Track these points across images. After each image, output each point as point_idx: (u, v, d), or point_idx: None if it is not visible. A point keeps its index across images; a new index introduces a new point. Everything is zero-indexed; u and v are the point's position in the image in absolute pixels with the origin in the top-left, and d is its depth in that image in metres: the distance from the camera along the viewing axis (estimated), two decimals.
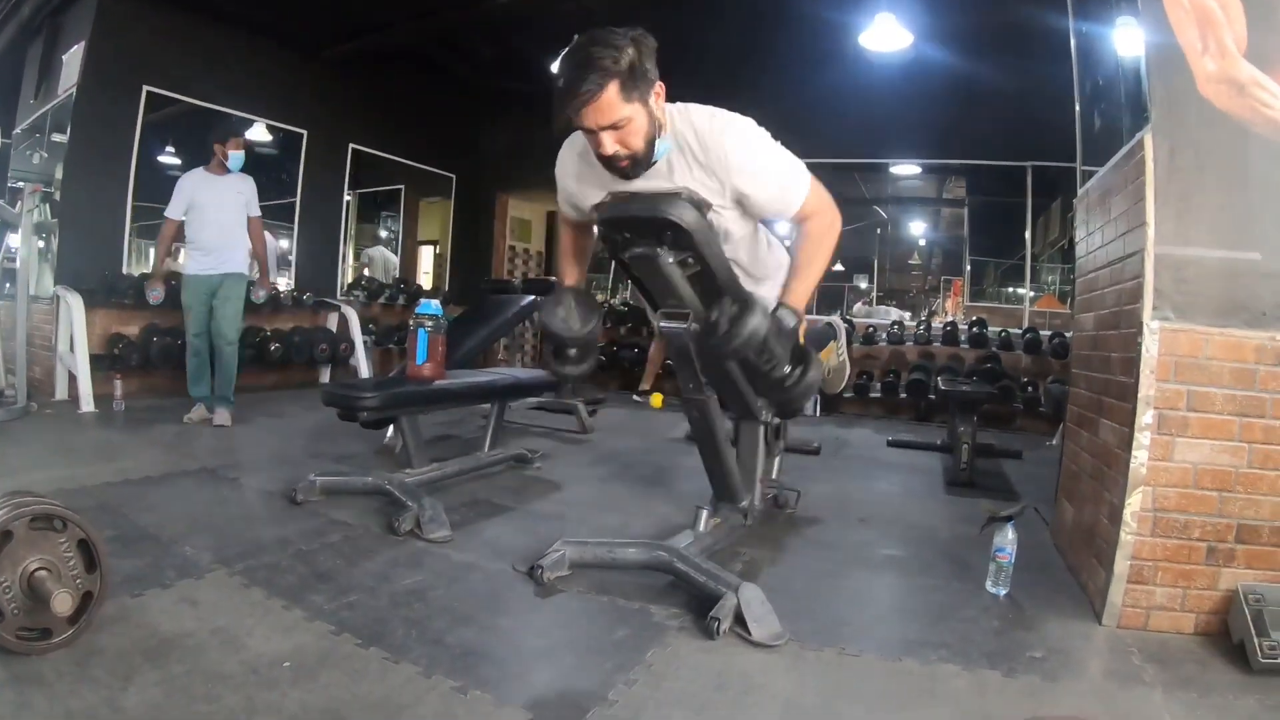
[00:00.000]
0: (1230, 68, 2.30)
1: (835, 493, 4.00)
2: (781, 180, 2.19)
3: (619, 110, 1.92)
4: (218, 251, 4.99)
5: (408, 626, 2.11)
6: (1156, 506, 2.29)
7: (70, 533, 1.88)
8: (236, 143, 5.06)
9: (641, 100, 1.95)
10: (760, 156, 2.14)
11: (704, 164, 2.11)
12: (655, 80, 1.99)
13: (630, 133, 1.97)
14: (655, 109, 2.01)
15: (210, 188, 4.99)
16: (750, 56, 7.70)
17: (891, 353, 7.55)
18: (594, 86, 1.87)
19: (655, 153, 2.04)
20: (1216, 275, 2.30)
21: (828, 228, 2.28)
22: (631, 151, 2.01)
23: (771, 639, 2.10)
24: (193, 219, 4.97)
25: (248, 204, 5.12)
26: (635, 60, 1.91)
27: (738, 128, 2.11)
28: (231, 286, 5.05)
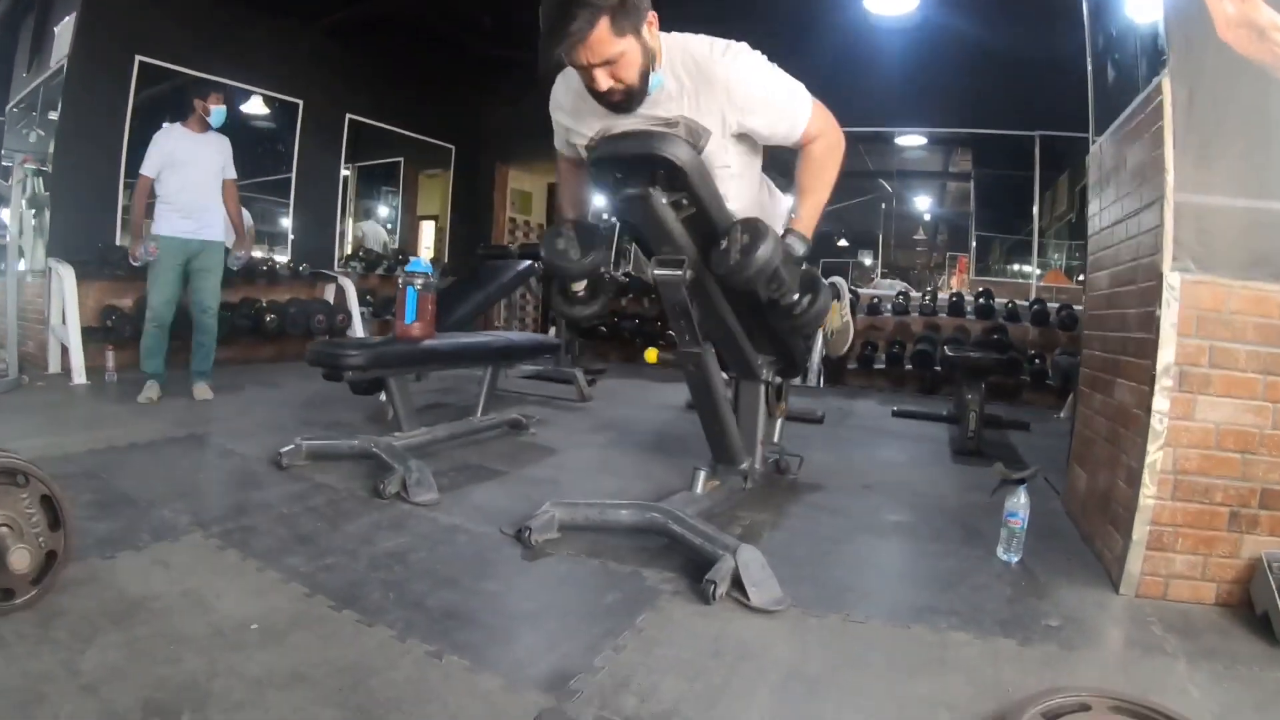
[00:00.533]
0: (1250, 11, 2.20)
1: (839, 460, 3.91)
2: (784, 104, 2.13)
3: (611, 46, 1.83)
4: (197, 214, 4.68)
5: (385, 589, 2.02)
6: (1177, 468, 2.19)
7: (33, 489, 1.79)
8: (218, 97, 4.73)
9: (634, 32, 1.86)
10: (762, 82, 2.08)
11: (704, 93, 2.03)
12: (647, 10, 1.89)
13: (623, 66, 1.90)
14: (648, 39, 1.92)
15: (190, 145, 4.67)
16: (748, 20, 7.53)
17: (896, 324, 7.43)
18: (584, 24, 1.78)
19: (650, 85, 1.97)
20: (1239, 225, 2.20)
21: (831, 149, 2.22)
22: (626, 85, 1.94)
23: (771, 604, 2.00)
24: (169, 177, 4.62)
25: (224, 166, 4.84)
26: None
27: (736, 53, 2.04)
28: (212, 256, 4.79)
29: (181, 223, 4.63)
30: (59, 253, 5.59)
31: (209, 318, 4.82)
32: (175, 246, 4.63)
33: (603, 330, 7.96)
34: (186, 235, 4.65)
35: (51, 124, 6.19)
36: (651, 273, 2.26)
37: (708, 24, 6.06)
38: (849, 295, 3.50)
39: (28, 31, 6.95)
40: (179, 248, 4.64)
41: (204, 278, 4.76)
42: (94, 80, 5.96)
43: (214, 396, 4.72)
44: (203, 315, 4.80)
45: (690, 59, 2.02)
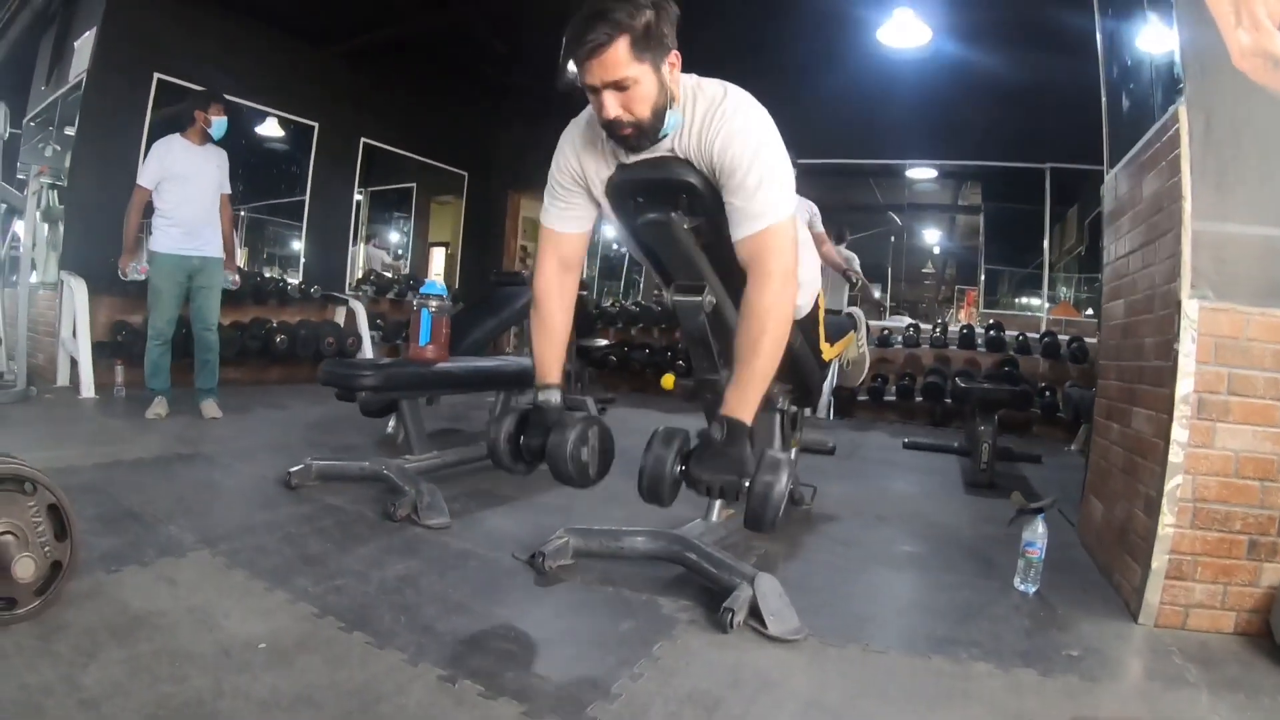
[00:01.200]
0: (1265, 41, 2.22)
1: (852, 491, 3.87)
2: (762, 180, 1.87)
3: (626, 67, 1.77)
4: (198, 230, 4.60)
5: (396, 613, 1.99)
6: (1196, 497, 2.17)
7: (40, 497, 1.77)
8: (219, 108, 4.64)
9: (653, 64, 1.80)
10: (745, 148, 1.87)
11: (696, 143, 1.92)
12: (671, 48, 1.83)
13: (635, 97, 1.81)
14: (667, 78, 1.84)
15: (190, 158, 4.57)
16: (764, 53, 7.59)
17: (907, 356, 7.40)
18: (603, 37, 1.73)
19: (665, 125, 1.87)
20: (1256, 253, 2.20)
21: (773, 301, 1.88)
22: (636, 119, 1.84)
23: (789, 633, 1.97)
24: (169, 191, 4.52)
25: (221, 181, 4.75)
26: (652, 21, 1.77)
27: (742, 112, 1.90)
28: (213, 273, 4.73)
29: (183, 240, 4.57)
30: (72, 266, 5.61)
31: (211, 334, 4.78)
32: (176, 264, 4.57)
33: (612, 360, 7.94)
34: (187, 252, 4.59)
35: (68, 139, 6.23)
36: (671, 299, 2.20)
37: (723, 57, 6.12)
38: (865, 321, 3.48)
39: (48, 45, 7.04)
40: (179, 265, 4.58)
41: (205, 295, 4.72)
42: (112, 96, 6.03)
43: (222, 415, 4.69)
44: (205, 332, 4.76)
45: (698, 101, 1.93)
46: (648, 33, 1.76)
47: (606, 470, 2.11)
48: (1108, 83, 3.45)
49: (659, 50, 1.80)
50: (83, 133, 5.96)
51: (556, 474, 2.02)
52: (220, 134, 4.69)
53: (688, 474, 1.91)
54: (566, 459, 1.97)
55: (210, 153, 4.69)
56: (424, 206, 10.12)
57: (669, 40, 1.82)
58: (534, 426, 2.10)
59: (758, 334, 1.87)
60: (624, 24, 1.73)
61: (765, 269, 1.87)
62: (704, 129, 1.90)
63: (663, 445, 1.91)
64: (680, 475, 1.92)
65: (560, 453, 1.97)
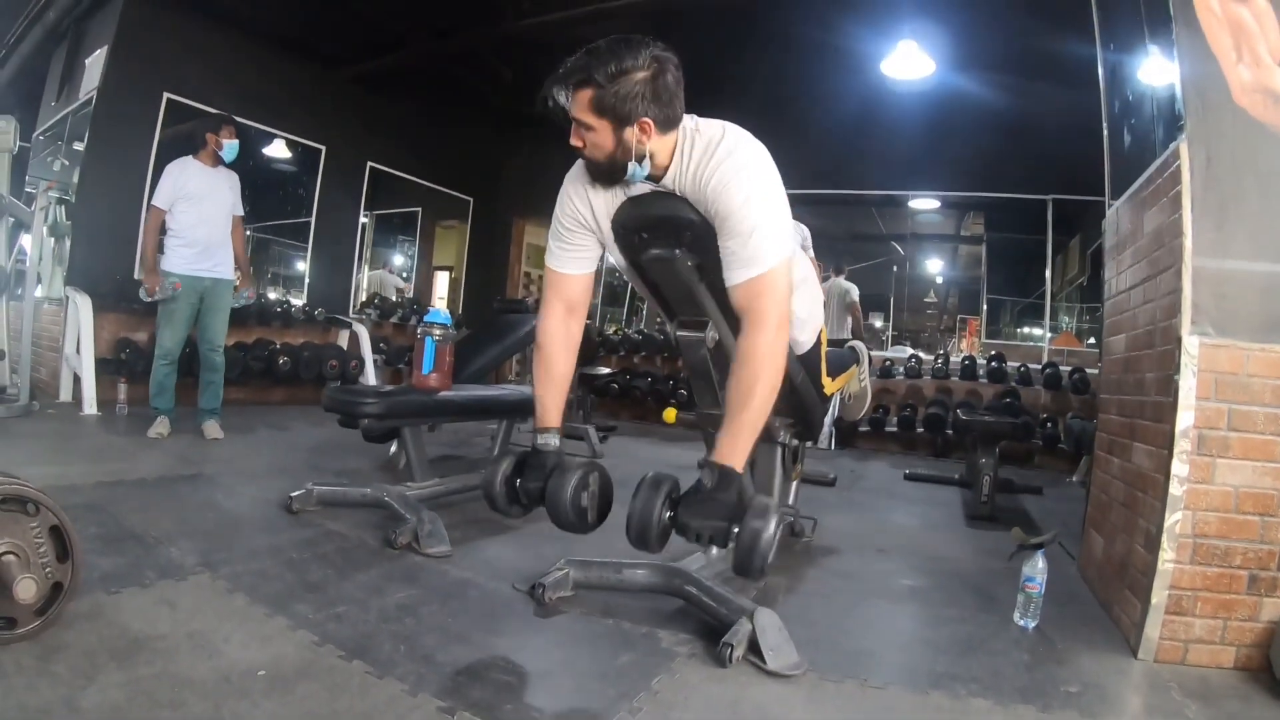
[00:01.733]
0: (1265, 77, 2.25)
1: (852, 523, 3.86)
2: (756, 226, 1.89)
3: (586, 115, 1.88)
4: (210, 251, 4.65)
5: (396, 641, 1.98)
6: (1196, 532, 2.17)
7: (43, 518, 1.78)
8: (229, 130, 4.71)
9: (612, 123, 1.88)
10: (740, 192, 1.89)
11: (693, 185, 1.96)
12: (639, 117, 1.87)
13: (591, 141, 1.92)
14: (630, 139, 1.89)
15: (203, 180, 4.63)
16: (770, 83, 7.68)
17: (908, 387, 7.41)
18: (573, 81, 1.87)
19: (627, 173, 1.95)
20: (1257, 289, 2.22)
21: (767, 350, 1.90)
22: (590, 156, 1.96)
23: (788, 668, 1.96)
24: (183, 212, 4.57)
25: (234, 203, 4.80)
26: (625, 93, 1.84)
27: (739, 154, 1.94)
28: (224, 294, 4.77)
29: (195, 260, 4.61)
30: (77, 282, 5.67)
31: (217, 355, 4.80)
32: (188, 284, 4.60)
33: (615, 387, 7.95)
34: (199, 273, 4.63)
35: (77, 154, 6.32)
36: (674, 334, 2.23)
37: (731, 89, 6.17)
38: (866, 355, 3.49)
39: (59, 61, 7.14)
40: (191, 285, 4.62)
41: (214, 316, 4.75)
42: (122, 114, 6.10)
43: (224, 436, 4.70)
44: (212, 353, 4.78)
45: (699, 139, 1.97)
46: (616, 97, 1.84)
47: (605, 516, 2.12)
48: (1109, 117, 3.49)
49: (622, 113, 1.86)
50: (91, 150, 6.03)
51: (556, 519, 2.03)
52: (231, 156, 4.73)
53: (676, 520, 1.91)
54: (567, 505, 1.99)
55: (222, 174, 4.74)
56: (429, 230, 10.18)
57: (639, 110, 1.86)
58: (532, 470, 2.13)
59: (750, 382, 1.89)
60: (593, 80, 1.84)
61: (759, 315, 1.90)
62: (700, 169, 1.93)
63: (650, 491, 1.91)
64: (669, 521, 1.92)
65: (560, 498, 1.99)
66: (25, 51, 7.59)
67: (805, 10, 6.26)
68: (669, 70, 1.88)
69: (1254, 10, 2.27)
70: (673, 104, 1.90)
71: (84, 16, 6.70)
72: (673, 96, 1.89)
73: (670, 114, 1.90)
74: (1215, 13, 2.30)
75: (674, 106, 1.90)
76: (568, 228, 2.16)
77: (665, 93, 1.87)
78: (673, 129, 1.95)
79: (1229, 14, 2.28)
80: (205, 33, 6.61)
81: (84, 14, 6.66)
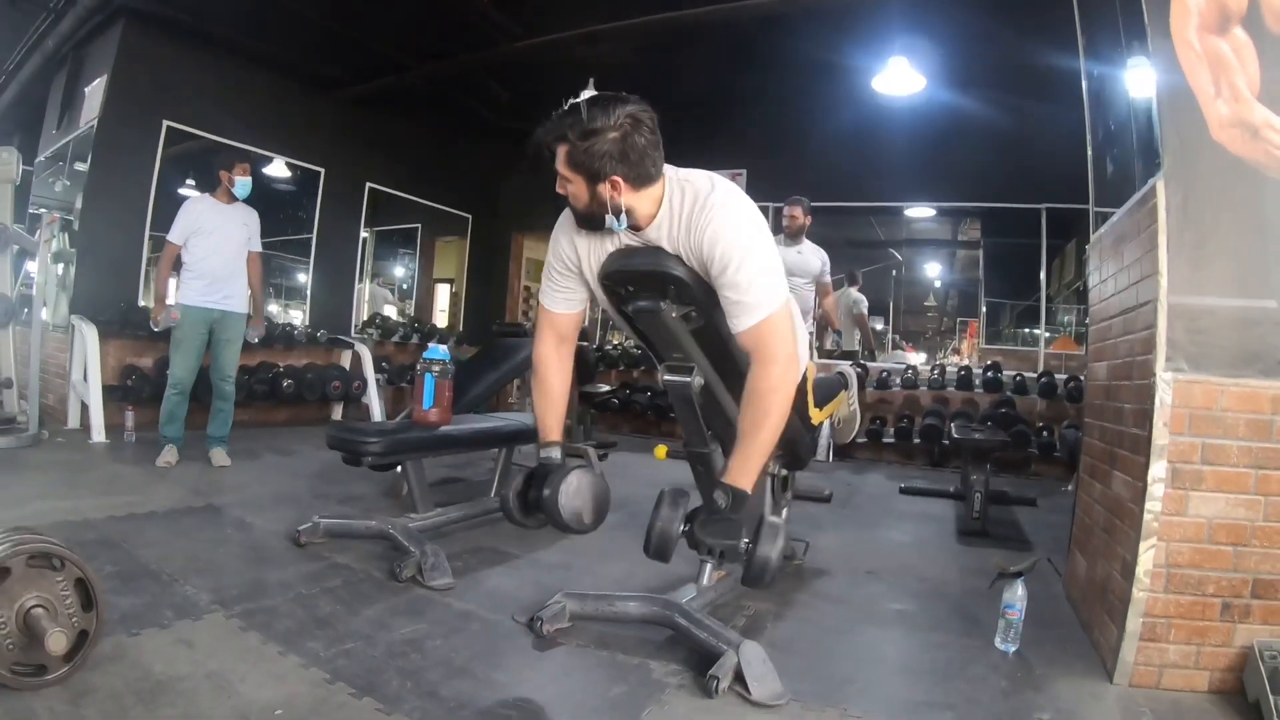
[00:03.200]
0: (1244, 111, 2.27)
1: (845, 543, 3.94)
2: (756, 274, 2.02)
3: (564, 168, 2.04)
4: (222, 283, 4.77)
5: (403, 677, 2.08)
6: (1170, 562, 2.24)
7: (68, 571, 1.89)
8: (243, 168, 4.83)
9: (585, 179, 2.03)
10: (734, 247, 2.01)
11: (692, 232, 2.07)
12: (609, 175, 2.00)
13: (570, 192, 2.09)
14: (604, 194, 2.03)
15: (217, 215, 4.77)
16: (763, 100, 7.79)
17: (905, 398, 7.48)
18: (552, 138, 2.03)
19: (606, 224, 2.09)
20: (1231, 324, 2.25)
21: (778, 383, 2.04)
22: (573, 206, 2.13)
23: (771, 699, 2.05)
24: (196, 246, 4.70)
25: (250, 238, 4.93)
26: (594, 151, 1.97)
27: (726, 205, 2.04)
28: (235, 326, 4.89)
29: (205, 291, 4.72)
30: (82, 308, 5.77)
31: (229, 385, 4.91)
32: (199, 316, 4.72)
33: (614, 403, 8.03)
34: (209, 305, 4.74)
35: (79, 175, 6.42)
36: (661, 379, 2.34)
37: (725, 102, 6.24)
38: (856, 379, 3.57)
39: (59, 88, 7.23)
40: (202, 317, 4.73)
41: (226, 348, 4.87)
42: (122, 142, 6.20)
43: (231, 463, 4.80)
44: (222, 383, 4.89)
45: (684, 199, 2.08)
46: (587, 154, 1.98)
47: (602, 517, 2.28)
48: (1094, 144, 3.54)
49: (592, 169, 2.00)
50: (93, 179, 6.13)
51: (553, 523, 2.19)
52: (244, 193, 4.85)
53: (691, 536, 2.09)
54: (558, 509, 2.14)
55: (238, 210, 4.87)
56: (429, 245, 10.28)
57: (608, 170, 1.99)
58: (538, 482, 2.25)
59: (762, 414, 2.04)
60: (566, 138, 2.00)
61: (769, 354, 2.03)
62: (692, 223, 2.04)
63: (670, 508, 2.10)
64: (684, 535, 2.11)
65: (552, 504, 2.14)
66: (24, 78, 7.69)
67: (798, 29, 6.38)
68: (642, 130, 1.99)
69: (1233, 44, 2.30)
70: (643, 163, 2.01)
71: (82, 44, 6.80)
72: (642, 155, 2.00)
73: (641, 172, 2.02)
74: (1194, 48, 2.32)
75: (644, 165, 2.02)
76: (559, 271, 2.32)
77: (634, 152, 1.99)
78: (648, 185, 2.06)
79: (1208, 49, 2.31)
80: (204, 59, 6.72)
81: (82, 41, 6.76)
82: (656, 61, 6.69)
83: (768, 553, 2.00)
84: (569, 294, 2.33)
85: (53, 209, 6.77)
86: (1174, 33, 2.35)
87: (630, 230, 2.13)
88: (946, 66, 6.64)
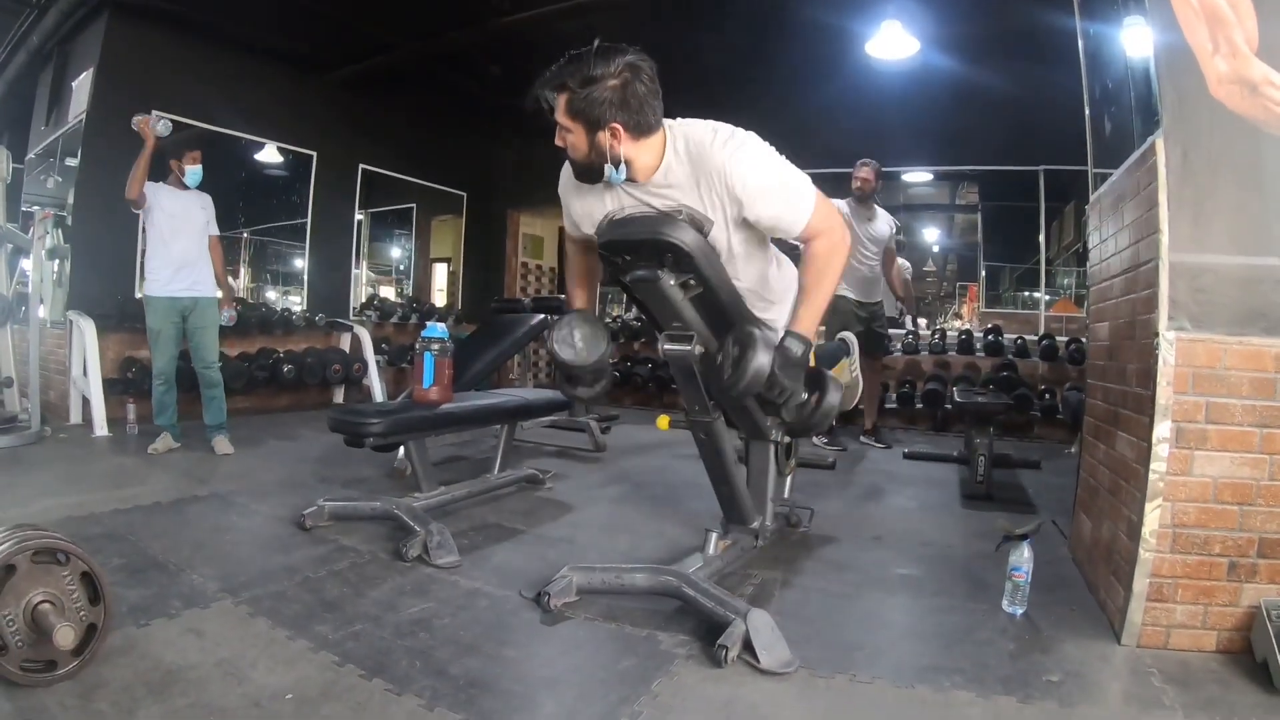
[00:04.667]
0: (1242, 67, 2.24)
1: (849, 509, 3.96)
2: (785, 197, 2.15)
3: (563, 118, 2.06)
4: (188, 268, 4.74)
5: (412, 657, 2.09)
6: (1175, 522, 2.24)
7: (73, 566, 1.89)
8: (193, 156, 4.79)
9: (585, 127, 2.05)
10: (762, 172, 2.11)
11: (704, 182, 2.10)
12: (608, 122, 2.02)
13: (570, 143, 2.11)
14: (603, 143, 2.05)
15: (175, 202, 4.74)
16: (756, 67, 7.70)
17: (907, 363, 7.48)
18: (551, 86, 2.04)
19: (605, 175, 2.11)
20: (1234, 282, 2.23)
21: (834, 248, 2.25)
22: (572, 157, 2.15)
23: (780, 666, 2.06)
24: (160, 227, 4.68)
25: (208, 222, 4.89)
26: (595, 98, 1.99)
27: (739, 143, 2.10)
28: (207, 313, 4.85)
29: (173, 279, 4.70)
30: (78, 304, 5.76)
31: (213, 371, 4.90)
32: (170, 306, 4.71)
33: (616, 375, 8.02)
34: (178, 294, 4.72)
35: (70, 170, 6.37)
36: (661, 348, 2.33)
37: (718, 70, 6.17)
38: (856, 346, 3.56)
39: (45, 84, 7.16)
40: (172, 306, 4.72)
41: (202, 335, 4.85)
42: (112, 135, 6.03)
43: (234, 450, 4.81)
44: (206, 370, 4.89)
45: (690, 146, 2.10)
46: (587, 100, 2.00)
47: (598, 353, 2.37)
48: (1091, 103, 3.50)
49: (591, 116, 2.02)
50: (84, 173, 6.09)
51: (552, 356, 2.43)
52: (195, 182, 4.82)
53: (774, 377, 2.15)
54: (558, 341, 2.37)
55: (193, 196, 4.84)
56: (424, 225, 10.24)
57: (609, 115, 2.01)
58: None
59: (818, 275, 2.26)
60: (567, 85, 2.02)
61: (822, 233, 2.24)
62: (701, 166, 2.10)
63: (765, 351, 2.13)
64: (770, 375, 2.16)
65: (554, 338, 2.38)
66: (10, 76, 7.62)
67: None
68: (641, 78, 2.01)
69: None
70: (643, 110, 2.03)
71: (68, 38, 6.73)
72: (642, 103, 2.02)
73: (641, 120, 2.04)
74: (1191, 4, 2.28)
75: (644, 113, 2.04)
76: (574, 224, 2.44)
77: (635, 100, 2.01)
78: (648, 134, 2.08)
79: (1205, 4, 2.27)
80: (191, 48, 6.64)
81: (68, 36, 6.69)
82: (645, 30, 6.55)
83: (833, 400, 2.34)
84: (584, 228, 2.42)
85: (46, 205, 6.72)
86: None
87: (629, 183, 2.15)
88: (940, 29, 6.54)
